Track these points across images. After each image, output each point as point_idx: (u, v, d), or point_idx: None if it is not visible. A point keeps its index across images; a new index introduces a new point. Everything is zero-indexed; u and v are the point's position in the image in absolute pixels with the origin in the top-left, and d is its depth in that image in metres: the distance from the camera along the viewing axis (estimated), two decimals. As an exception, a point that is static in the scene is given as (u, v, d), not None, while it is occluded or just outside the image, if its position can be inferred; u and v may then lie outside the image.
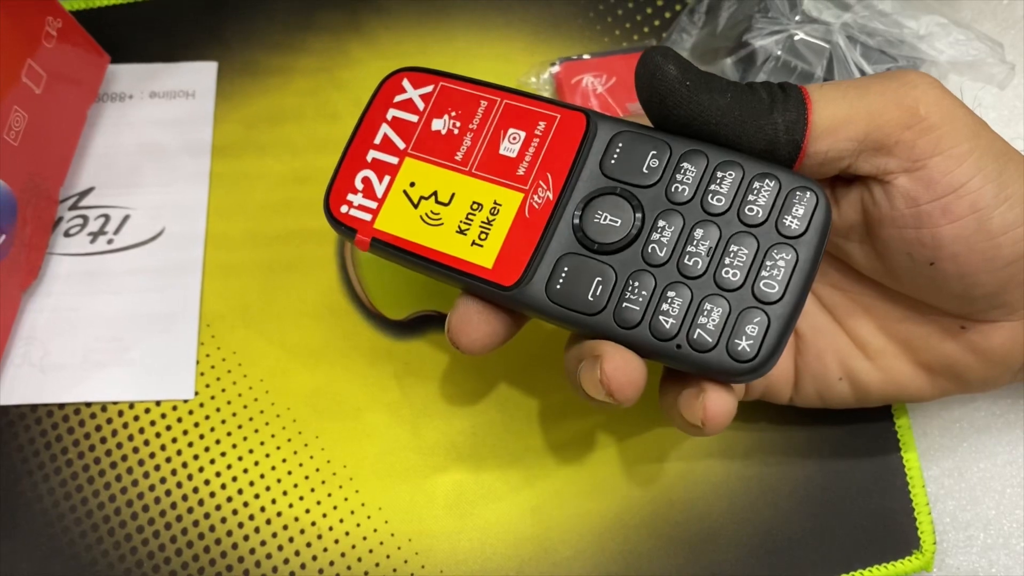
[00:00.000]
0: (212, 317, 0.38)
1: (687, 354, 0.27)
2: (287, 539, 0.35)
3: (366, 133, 0.30)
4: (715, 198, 0.27)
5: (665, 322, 0.27)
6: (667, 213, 0.27)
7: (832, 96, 0.27)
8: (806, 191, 0.27)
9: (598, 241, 0.27)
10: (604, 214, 0.27)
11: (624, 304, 0.27)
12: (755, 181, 0.27)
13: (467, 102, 0.29)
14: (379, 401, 0.37)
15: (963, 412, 0.38)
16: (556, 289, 0.27)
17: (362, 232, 0.29)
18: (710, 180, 0.27)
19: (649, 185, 0.27)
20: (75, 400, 0.37)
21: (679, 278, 0.27)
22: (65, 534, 0.35)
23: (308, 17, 0.42)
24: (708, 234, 0.27)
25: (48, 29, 0.37)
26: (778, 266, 0.26)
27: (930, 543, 0.35)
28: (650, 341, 0.27)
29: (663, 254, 0.27)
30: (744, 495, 0.36)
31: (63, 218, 0.39)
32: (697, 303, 0.27)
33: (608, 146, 0.28)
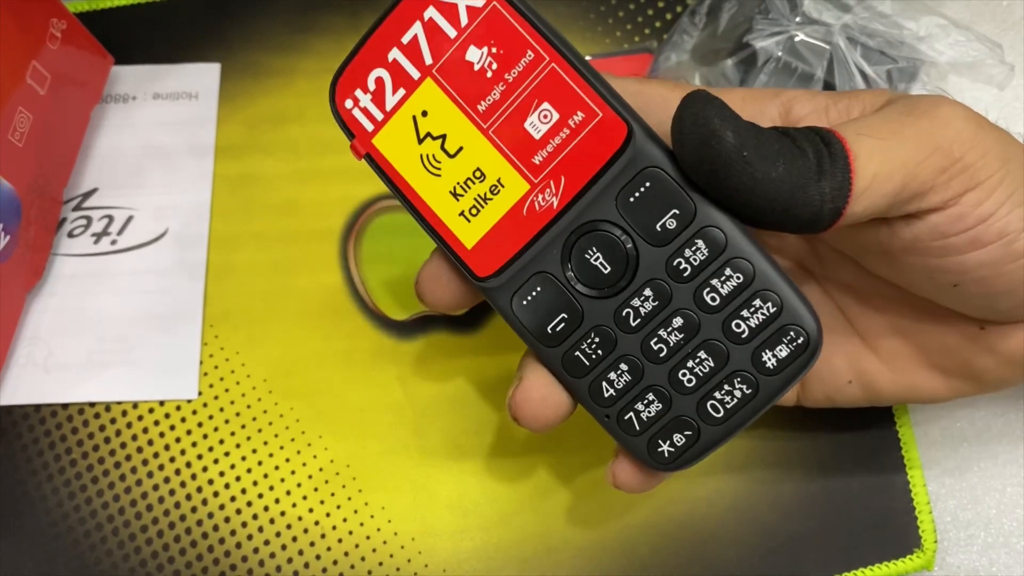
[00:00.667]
0: (215, 318, 0.38)
1: (611, 426, 0.26)
2: (290, 539, 0.35)
3: (396, 23, 0.26)
4: (710, 295, 0.25)
5: (605, 389, 0.26)
6: (658, 283, 0.25)
7: (871, 148, 0.25)
8: (800, 334, 0.25)
9: (579, 277, 0.26)
10: (597, 253, 0.25)
11: (576, 352, 0.26)
12: (757, 297, 0.25)
13: (514, 42, 0.25)
14: (382, 401, 0.37)
15: (964, 411, 0.38)
16: (522, 304, 0.26)
17: (360, 140, 0.27)
18: (715, 272, 0.25)
19: (655, 244, 0.25)
20: (79, 400, 0.37)
21: (638, 354, 0.26)
22: (69, 534, 0.35)
23: (310, 18, 0.43)
24: (686, 327, 0.25)
25: (52, 31, 0.37)
26: (733, 394, 0.25)
27: (931, 542, 0.35)
28: (584, 396, 0.26)
29: (634, 324, 0.25)
30: (745, 494, 0.36)
31: (67, 219, 0.39)
32: (642, 388, 0.26)
33: (635, 178, 0.25)
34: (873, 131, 0.25)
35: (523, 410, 0.27)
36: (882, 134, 0.25)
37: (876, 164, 0.24)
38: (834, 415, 0.36)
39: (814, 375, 0.32)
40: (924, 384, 0.31)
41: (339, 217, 0.40)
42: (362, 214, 0.40)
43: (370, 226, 0.39)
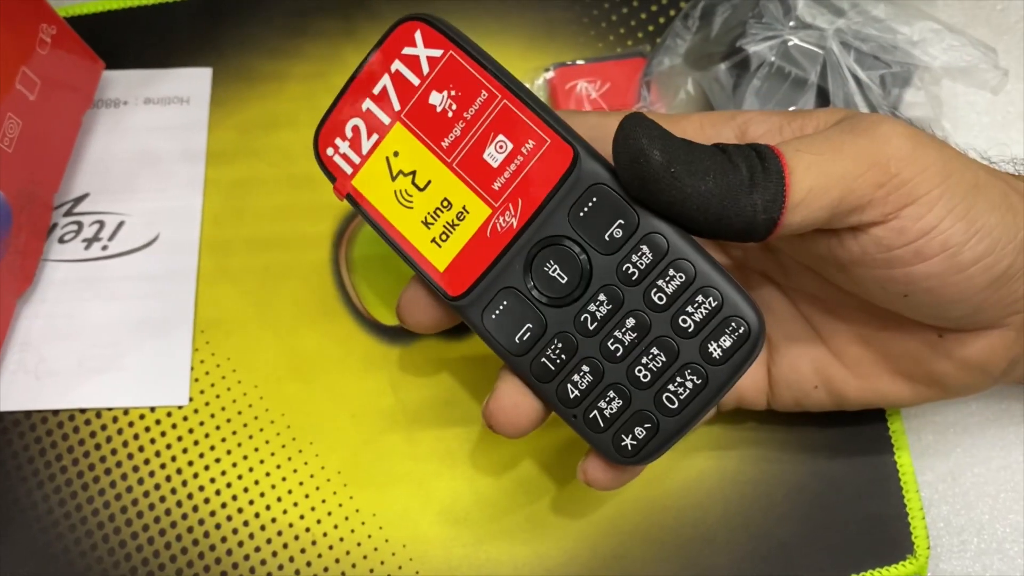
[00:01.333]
0: (206, 323, 0.38)
1: (579, 425, 0.28)
2: (281, 545, 0.35)
3: (368, 77, 0.29)
4: (657, 295, 0.27)
5: (570, 391, 0.28)
6: (610, 289, 0.27)
7: (808, 163, 0.26)
8: (741, 324, 0.26)
9: (540, 289, 0.28)
10: (555, 265, 0.28)
11: (543, 358, 0.28)
12: (700, 293, 0.27)
13: (470, 85, 0.28)
14: (373, 407, 0.37)
15: (957, 416, 0.38)
16: (491, 318, 0.28)
17: (340, 182, 0.30)
18: (660, 273, 0.27)
19: (605, 253, 0.27)
20: (70, 407, 0.37)
21: (597, 355, 0.28)
22: (59, 541, 0.35)
23: (302, 23, 0.42)
24: (638, 327, 0.27)
25: (42, 36, 0.37)
26: (685, 385, 0.27)
27: (924, 548, 0.35)
28: (553, 400, 0.28)
29: (592, 327, 0.28)
30: (738, 500, 0.36)
31: (57, 224, 0.39)
32: (603, 387, 0.28)
33: (583, 195, 0.27)
34: (813, 148, 0.26)
35: (497, 418, 0.29)
36: (821, 150, 0.26)
37: (812, 178, 0.26)
38: (827, 420, 0.36)
39: (782, 380, 0.33)
40: (888, 390, 0.32)
41: (330, 223, 0.39)
42: (354, 219, 0.39)
43: (362, 232, 0.39)
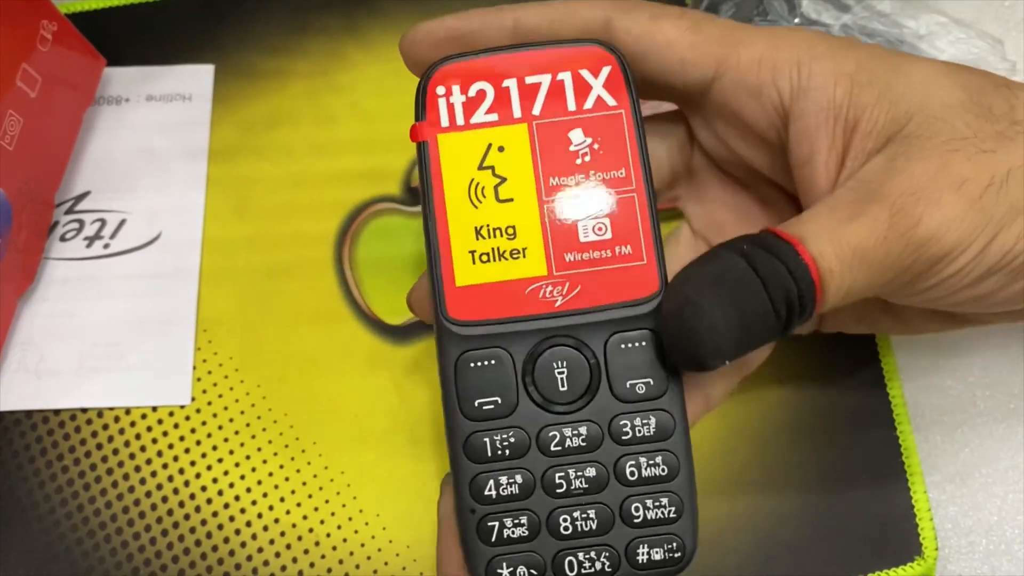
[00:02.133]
0: (209, 322, 0.38)
1: (467, 521, 0.25)
2: (284, 546, 0.35)
3: (528, 62, 0.26)
4: (631, 469, 0.25)
5: (489, 487, 0.25)
6: (594, 429, 0.25)
7: (838, 285, 0.25)
8: (680, 548, 0.25)
9: (535, 378, 0.25)
10: (564, 370, 0.25)
11: (486, 438, 0.25)
12: (665, 496, 0.25)
13: (617, 153, 0.26)
14: (377, 407, 0.37)
15: (965, 417, 0.37)
16: (468, 364, 0.25)
17: (427, 125, 0.26)
18: (647, 452, 0.25)
19: (614, 396, 0.25)
20: (71, 406, 0.36)
21: (537, 477, 0.25)
22: (61, 541, 0.35)
23: (304, 20, 0.42)
24: (592, 481, 0.25)
25: (43, 32, 0.37)
26: (595, 564, 0.25)
27: (932, 549, 0.35)
28: (463, 480, 0.25)
29: (552, 449, 0.25)
30: (744, 501, 0.35)
31: (59, 222, 0.39)
32: (520, 508, 0.25)
33: (635, 332, 0.25)
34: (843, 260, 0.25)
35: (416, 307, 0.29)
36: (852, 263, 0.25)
37: (844, 294, 0.25)
38: (835, 421, 0.35)
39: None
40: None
41: (334, 220, 0.39)
42: (357, 217, 0.39)
43: (365, 230, 0.39)
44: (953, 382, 0.38)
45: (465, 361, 0.25)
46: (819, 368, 0.37)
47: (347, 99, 0.41)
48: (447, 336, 0.25)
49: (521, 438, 0.25)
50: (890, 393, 0.37)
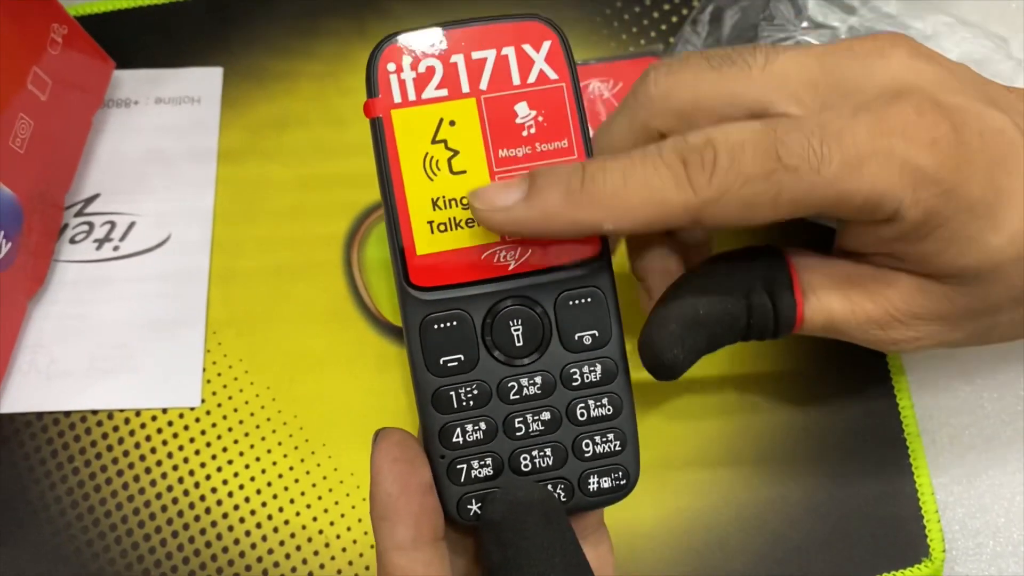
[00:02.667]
0: (218, 324, 0.38)
1: (439, 466, 0.27)
2: (295, 547, 0.35)
3: (473, 38, 0.27)
4: (580, 410, 0.27)
5: (456, 434, 0.27)
6: (547, 377, 0.27)
7: (822, 319, 0.29)
8: (625, 476, 0.28)
9: (493, 335, 0.27)
10: (519, 326, 0.27)
11: (452, 391, 0.27)
12: (611, 432, 0.28)
13: (559, 125, 0.27)
14: (386, 408, 0.37)
15: (972, 419, 0.37)
16: (432, 327, 0.27)
17: (380, 102, 0.27)
18: (594, 395, 0.27)
19: (564, 347, 0.27)
20: (81, 408, 0.37)
21: (498, 421, 0.27)
22: (72, 542, 0.35)
23: (313, 22, 0.42)
24: (548, 423, 0.27)
25: (53, 36, 0.37)
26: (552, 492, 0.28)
27: (939, 551, 0.35)
28: (432, 431, 0.27)
29: (512, 397, 0.27)
30: (752, 503, 0.35)
31: (68, 225, 0.39)
32: (484, 450, 0.27)
33: (582, 289, 0.27)
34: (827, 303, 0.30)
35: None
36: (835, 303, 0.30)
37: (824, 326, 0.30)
38: (843, 423, 0.36)
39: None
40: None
41: (343, 222, 0.39)
42: (366, 219, 0.39)
43: (374, 231, 0.39)
44: (960, 384, 0.38)
45: (429, 323, 0.27)
46: (826, 371, 0.37)
47: (356, 101, 0.41)
48: (411, 301, 0.27)
49: (484, 389, 0.27)
50: (897, 395, 0.37)
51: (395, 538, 0.26)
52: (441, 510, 0.27)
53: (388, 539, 0.26)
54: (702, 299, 0.29)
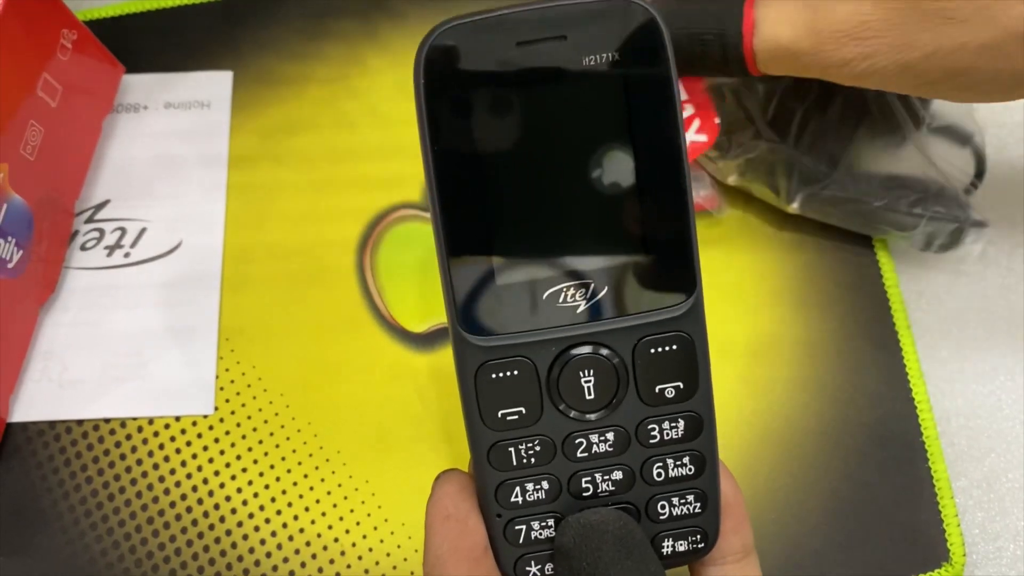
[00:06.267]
0: (231, 331, 0.38)
1: (495, 525, 0.25)
2: (310, 556, 0.35)
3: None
4: (658, 471, 0.25)
5: (515, 493, 0.25)
6: (621, 434, 0.24)
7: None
8: (704, 540, 0.25)
9: (560, 387, 0.24)
10: (592, 378, 0.24)
11: (511, 447, 0.24)
12: (691, 493, 0.25)
13: None
14: (401, 415, 0.36)
15: (990, 421, 0.37)
16: (489, 375, 0.24)
17: None
18: (675, 454, 0.25)
19: (643, 400, 0.24)
20: (94, 416, 0.36)
21: (564, 481, 0.25)
22: (86, 552, 0.35)
23: (323, 25, 0.42)
24: (620, 483, 0.25)
25: (63, 41, 0.36)
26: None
27: (959, 555, 0.35)
28: (489, 487, 0.25)
29: (579, 455, 0.24)
30: (771, 508, 0.35)
31: (79, 231, 0.39)
32: (548, 511, 0.25)
33: (668, 334, 0.24)
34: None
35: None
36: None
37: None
38: (859, 429, 0.35)
39: None
40: None
41: (355, 227, 0.39)
42: (378, 224, 0.39)
43: (387, 236, 0.39)
44: (978, 387, 0.38)
45: (485, 372, 0.24)
46: (844, 375, 0.37)
47: (366, 104, 0.41)
48: (464, 346, 0.24)
49: (547, 446, 0.24)
50: (915, 398, 0.37)
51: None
52: (496, 571, 0.25)
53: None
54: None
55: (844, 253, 0.39)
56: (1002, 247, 0.39)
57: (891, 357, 0.37)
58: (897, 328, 0.38)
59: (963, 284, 0.39)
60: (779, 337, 0.38)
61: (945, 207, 0.36)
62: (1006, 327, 0.38)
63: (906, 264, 0.39)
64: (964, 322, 0.39)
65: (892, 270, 0.39)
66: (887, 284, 0.38)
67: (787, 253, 0.39)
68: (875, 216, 0.37)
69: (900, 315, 0.38)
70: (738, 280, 0.38)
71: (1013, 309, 0.39)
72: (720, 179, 0.38)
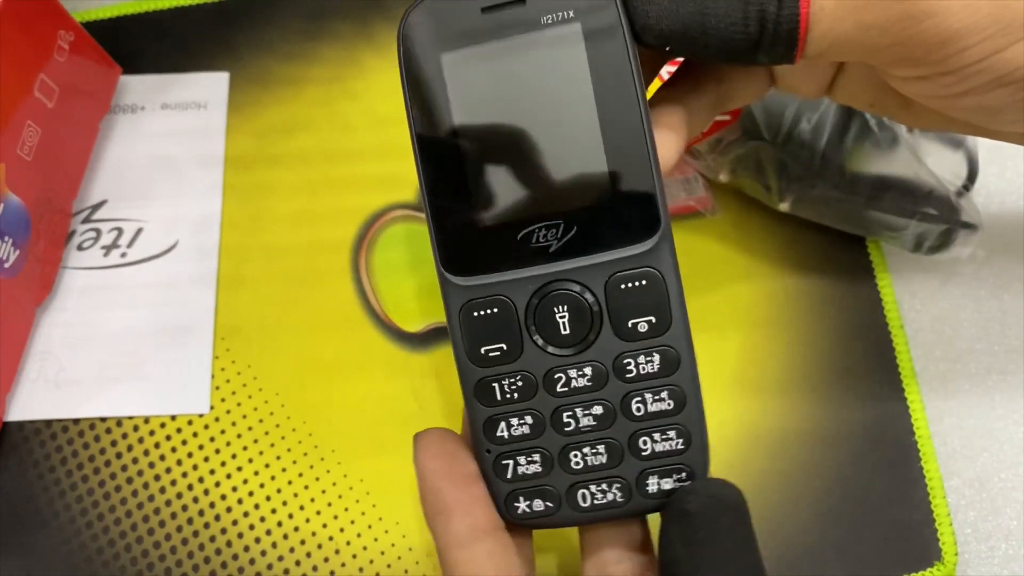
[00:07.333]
0: (227, 331, 0.38)
1: (485, 461, 0.26)
2: (304, 554, 0.35)
3: None
4: (637, 405, 0.25)
5: (501, 428, 0.26)
6: (599, 369, 0.25)
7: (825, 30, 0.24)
8: (691, 478, 0.26)
9: (537, 322, 0.25)
10: (565, 312, 0.25)
11: (494, 382, 0.26)
12: (673, 429, 0.26)
13: None
14: (396, 414, 0.37)
15: (983, 421, 0.37)
16: (472, 314, 0.26)
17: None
18: (653, 389, 0.25)
19: (617, 335, 0.25)
20: (90, 415, 0.37)
21: (546, 416, 0.26)
22: (82, 551, 0.35)
23: (318, 26, 0.42)
24: (600, 418, 0.26)
25: (60, 43, 0.37)
26: (607, 494, 0.26)
27: (951, 554, 0.35)
28: (477, 424, 0.26)
29: (559, 389, 0.26)
30: (764, 507, 0.35)
31: (76, 231, 0.39)
32: (532, 446, 0.26)
33: (636, 271, 0.25)
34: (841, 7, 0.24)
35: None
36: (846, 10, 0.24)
37: (829, 43, 0.24)
38: (854, 426, 0.35)
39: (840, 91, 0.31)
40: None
41: (351, 227, 0.39)
42: (374, 224, 0.39)
43: (382, 236, 0.39)
44: (971, 386, 0.38)
45: (467, 311, 0.26)
46: (837, 374, 0.37)
47: (363, 105, 0.41)
48: (449, 288, 0.26)
49: (528, 381, 0.26)
50: (908, 398, 0.37)
51: (452, 532, 0.25)
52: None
53: (445, 535, 0.25)
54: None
55: (837, 254, 0.39)
56: (995, 249, 0.40)
57: (884, 357, 0.38)
58: (890, 328, 0.38)
59: (956, 285, 0.39)
60: (772, 337, 0.38)
61: (935, 209, 0.36)
62: (999, 327, 0.38)
63: (899, 264, 0.39)
64: (957, 322, 0.39)
65: (886, 270, 0.39)
66: (880, 284, 0.39)
67: (780, 254, 0.39)
68: (866, 216, 0.37)
69: (893, 315, 0.38)
70: (731, 281, 0.39)
71: (1006, 310, 0.39)
72: (712, 177, 0.38)
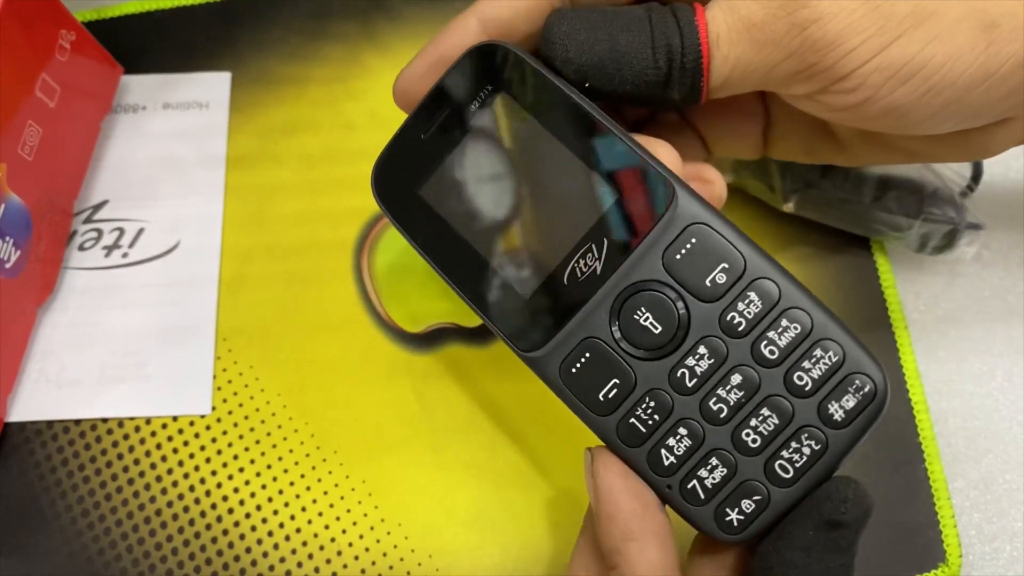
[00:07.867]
0: (228, 331, 0.38)
1: (675, 498, 0.25)
2: (307, 555, 0.35)
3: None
4: (768, 348, 0.24)
5: (664, 457, 0.25)
6: (712, 340, 0.24)
7: (725, 55, 0.25)
8: (866, 382, 0.23)
9: (629, 340, 0.25)
10: (647, 313, 0.24)
11: (631, 419, 0.25)
12: (818, 347, 0.24)
13: None
14: (398, 415, 0.37)
15: (988, 422, 0.37)
16: (571, 372, 0.25)
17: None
18: (771, 324, 0.24)
19: (706, 300, 0.24)
20: (92, 416, 0.36)
21: (697, 416, 0.24)
22: (84, 552, 0.35)
23: (321, 26, 0.42)
24: (745, 384, 0.24)
25: (62, 42, 0.36)
26: (802, 451, 0.24)
27: (956, 556, 0.35)
28: (643, 467, 0.25)
29: (691, 384, 0.24)
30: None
31: (77, 232, 0.39)
32: (704, 453, 0.24)
33: (680, 235, 0.24)
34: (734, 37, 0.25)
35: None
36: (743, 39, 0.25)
37: (729, 70, 0.26)
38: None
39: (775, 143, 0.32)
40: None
41: (353, 228, 0.39)
42: (375, 225, 0.39)
43: (384, 237, 0.39)
44: (975, 387, 0.38)
45: (566, 372, 0.25)
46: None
47: (365, 106, 0.41)
48: (538, 363, 0.25)
49: (659, 397, 0.25)
50: (912, 399, 0.37)
51: (647, 559, 0.24)
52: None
53: (640, 562, 0.24)
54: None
55: (841, 254, 0.39)
56: (999, 249, 0.39)
57: (888, 358, 0.37)
58: (894, 329, 0.38)
59: (960, 285, 0.39)
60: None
61: (940, 209, 0.36)
62: (1003, 328, 0.38)
63: (903, 265, 0.39)
64: (961, 323, 0.39)
65: (889, 271, 0.39)
66: (884, 285, 0.38)
67: (784, 254, 0.39)
68: (869, 216, 0.37)
69: (897, 316, 0.38)
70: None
71: (1010, 310, 0.39)
72: (717, 180, 0.38)
